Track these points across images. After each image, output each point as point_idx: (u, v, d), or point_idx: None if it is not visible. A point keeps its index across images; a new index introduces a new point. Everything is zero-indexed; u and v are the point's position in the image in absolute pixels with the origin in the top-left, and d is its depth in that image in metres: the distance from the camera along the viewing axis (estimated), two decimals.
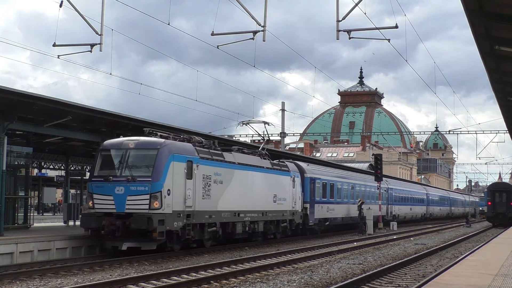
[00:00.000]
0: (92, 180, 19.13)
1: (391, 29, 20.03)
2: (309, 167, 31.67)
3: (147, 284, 13.55)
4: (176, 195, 18.68)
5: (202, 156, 20.33)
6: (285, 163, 28.26)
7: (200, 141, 21.20)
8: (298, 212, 28.55)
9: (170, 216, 18.37)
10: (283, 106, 44.82)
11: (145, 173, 18.39)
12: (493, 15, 12.82)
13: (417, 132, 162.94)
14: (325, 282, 13.89)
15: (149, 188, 18.05)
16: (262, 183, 24.81)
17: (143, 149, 18.78)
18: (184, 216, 19.05)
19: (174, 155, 18.81)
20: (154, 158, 18.40)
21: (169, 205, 18.33)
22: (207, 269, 16.04)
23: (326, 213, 32.70)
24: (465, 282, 10.17)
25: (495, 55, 15.72)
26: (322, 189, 32.46)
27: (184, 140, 20.52)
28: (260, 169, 24.67)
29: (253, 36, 18.79)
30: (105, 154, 19.19)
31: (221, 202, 21.39)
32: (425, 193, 60.71)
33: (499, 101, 23.47)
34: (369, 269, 16.43)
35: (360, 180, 40.75)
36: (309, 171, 31.03)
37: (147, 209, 17.89)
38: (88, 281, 13.55)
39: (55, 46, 19.78)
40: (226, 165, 21.95)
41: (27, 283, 13.41)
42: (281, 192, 26.51)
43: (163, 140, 19.12)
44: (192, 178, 19.54)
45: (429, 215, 61.40)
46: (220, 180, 21.34)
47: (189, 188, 19.35)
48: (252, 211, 23.80)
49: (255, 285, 13.39)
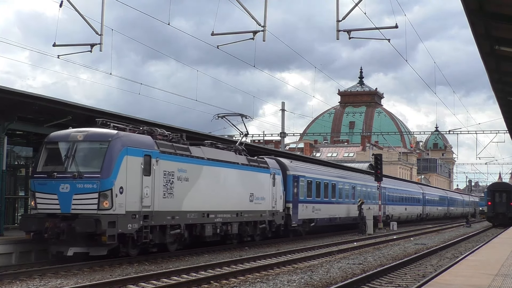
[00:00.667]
0: (34, 176, 17.14)
1: (391, 29, 20.04)
2: (292, 164, 29.75)
3: (147, 284, 13.55)
4: (130, 193, 16.78)
5: (163, 150, 18.35)
6: (265, 159, 26.14)
7: (163, 134, 19.31)
8: (279, 213, 26.58)
9: (123, 218, 16.45)
10: (283, 106, 44.86)
11: (93, 168, 16.41)
12: (493, 15, 12.82)
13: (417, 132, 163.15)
14: (325, 282, 13.89)
15: (98, 186, 16.13)
16: (237, 180, 22.76)
17: (92, 142, 16.87)
18: (140, 217, 17.12)
19: (129, 149, 16.90)
20: (104, 152, 16.46)
21: (122, 205, 16.44)
22: (207, 269, 16.03)
23: (311, 213, 30.69)
24: (465, 282, 10.18)
25: (495, 55, 15.73)
26: (307, 187, 30.41)
27: (144, 132, 18.64)
28: (234, 166, 22.63)
29: (253, 36, 18.80)
30: (50, 148, 17.25)
31: (187, 201, 19.39)
32: (421, 192, 59.27)
33: (499, 101, 23.48)
34: (369, 269, 16.42)
35: (352, 179, 38.93)
36: (292, 168, 29.11)
37: (96, 210, 16.03)
38: (88, 281, 13.55)
39: (55, 46, 19.80)
40: (193, 161, 19.86)
41: (27, 283, 13.41)
42: (259, 190, 24.51)
43: (115, 131, 17.12)
44: (151, 174, 17.60)
45: (425, 216, 59.76)
46: (185, 177, 19.33)
47: (146, 185, 17.40)
48: (224, 212, 21.78)
49: (255, 285, 13.39)
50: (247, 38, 19.21)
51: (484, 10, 12.57)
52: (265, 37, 18.25)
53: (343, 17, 18.66)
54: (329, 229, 34.57)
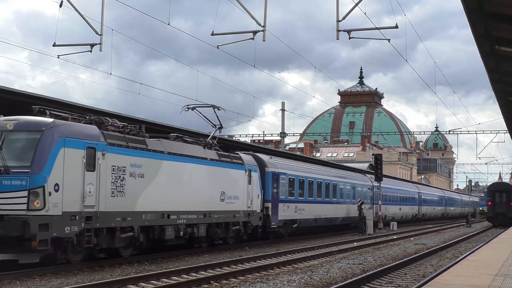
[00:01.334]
0: None
1: (391, 29, 20.04)
2: (272, 160, 27.31)
3: (147, 284, 13.54)
4: (68, 191, 14.65)
5: (111, 142, 16.09)
6: (239, 155, 23.76)
7: (114, 124, 17.07)
8: (256, 213, 24.22)
9: (59, 219, 14.32)
10: (283, 106, 44.88)
11: (23, 162, 14.27)
12: (493, 15, 12.84)
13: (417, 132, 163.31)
14: (325, 282, 13.88)
15: (27, 183, 14.04)
16: (205, 177, 20.48)
17: (23, 132, 14.67)
18: (82, 218, 14.95)
19: (67, 140, 14.73)
20: (36, 143, 14.31)
21: (57, 204, 14.33)
22: (207, 269, 16.02)
23: (294, 213, 28.39)
24: (465, 282, 10.17)
25: (495, 55, 15.74)
26: (289, 185, 28.08)
27: (91, 122, 16.38)
28: (201, 161, 20.31)
29: (253, 36, 18.80)
30: None
31: (142, 200, 17.11)
32: (417, 192, 57.09)
33: (499, 101, 23.50)
34: (369, 269, 16.42)
35: (340, 177, 36.02)
36: (271, 164, 26.66)
37: (25, 210, 13.94)
38: (88, 281, 13.54)
39: (55, 46, 19.81)
40: (149, 155, 17.56)
41: (27, 283, 13.39)
42: (231, 189, 22.20)
43: (51, 120, 14.93)
44: (95, 169, 15.43)
45: (421, 216, 57.63)
46: (140, 173, 17.06)
47: (90, 182, 15.24)
48: (189, 212, 19.50)
49: (255, 285, 13.38)
50: (247, 38, 19.23)
51: (484, 10, 12.58)
52: (265, 37, 18.26)
53: (343, 17, 18.67)
54: (315, 230, 32.49)
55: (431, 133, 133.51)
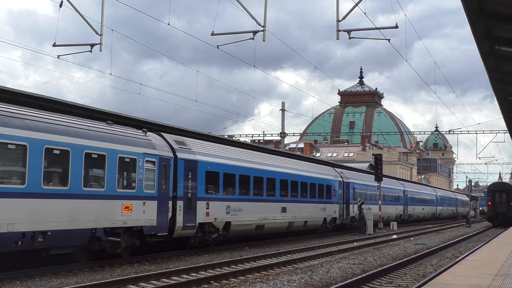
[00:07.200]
0: None
1: (390, 29, 20.06)
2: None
3: (147, 284, 13.55)
4: None
5: None
6: None
7: None
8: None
9: None
10: (283, 106, 44.82)
11: None
12: (493, 15, 12.83)
13: (417, 132, 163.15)
14: (325, 282, 13.88)
15: None
16: None
17: None
18: None
19: None
20: None
21: None
22: (207, 269, 16.03)
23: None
24: (465, 282, 10.16)
25: (495, 55, 15.74)
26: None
27: None
28: None
29: (253, 36, 18.82)
30: None
31: None
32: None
33: (499, 101, 23.50)
34: (369, 269, 16.42)
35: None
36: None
37: None
38: (88, 281, 13.55)
39: (55, 46, 19.82)
40: None
41: (27, 283, 13.40)
42: None
43: None
44: None
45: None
46: None
47: None
48: None
49: (255, 285, 13.38)
50: (247, 38, 19.24)
51: (484, 9, 12.57)
52: (265, 37, 18.27)
53: (343, 17, 18.68)
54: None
55: (431, 133, 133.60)
